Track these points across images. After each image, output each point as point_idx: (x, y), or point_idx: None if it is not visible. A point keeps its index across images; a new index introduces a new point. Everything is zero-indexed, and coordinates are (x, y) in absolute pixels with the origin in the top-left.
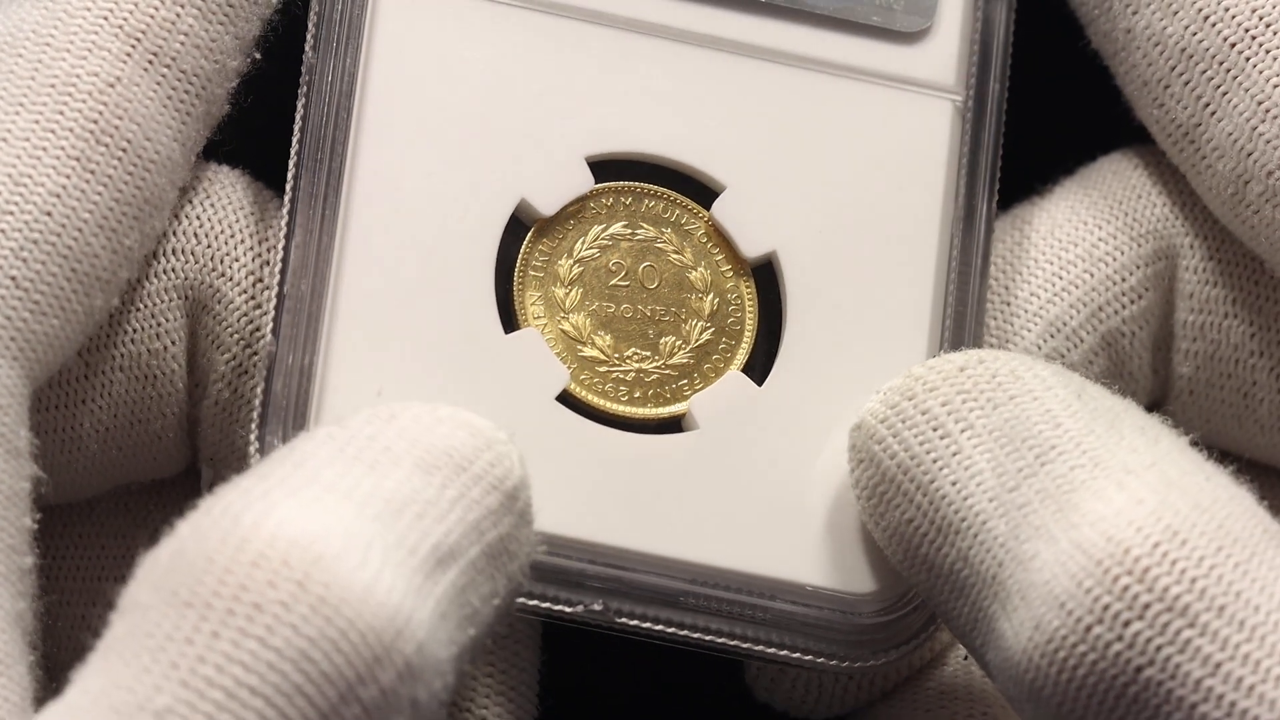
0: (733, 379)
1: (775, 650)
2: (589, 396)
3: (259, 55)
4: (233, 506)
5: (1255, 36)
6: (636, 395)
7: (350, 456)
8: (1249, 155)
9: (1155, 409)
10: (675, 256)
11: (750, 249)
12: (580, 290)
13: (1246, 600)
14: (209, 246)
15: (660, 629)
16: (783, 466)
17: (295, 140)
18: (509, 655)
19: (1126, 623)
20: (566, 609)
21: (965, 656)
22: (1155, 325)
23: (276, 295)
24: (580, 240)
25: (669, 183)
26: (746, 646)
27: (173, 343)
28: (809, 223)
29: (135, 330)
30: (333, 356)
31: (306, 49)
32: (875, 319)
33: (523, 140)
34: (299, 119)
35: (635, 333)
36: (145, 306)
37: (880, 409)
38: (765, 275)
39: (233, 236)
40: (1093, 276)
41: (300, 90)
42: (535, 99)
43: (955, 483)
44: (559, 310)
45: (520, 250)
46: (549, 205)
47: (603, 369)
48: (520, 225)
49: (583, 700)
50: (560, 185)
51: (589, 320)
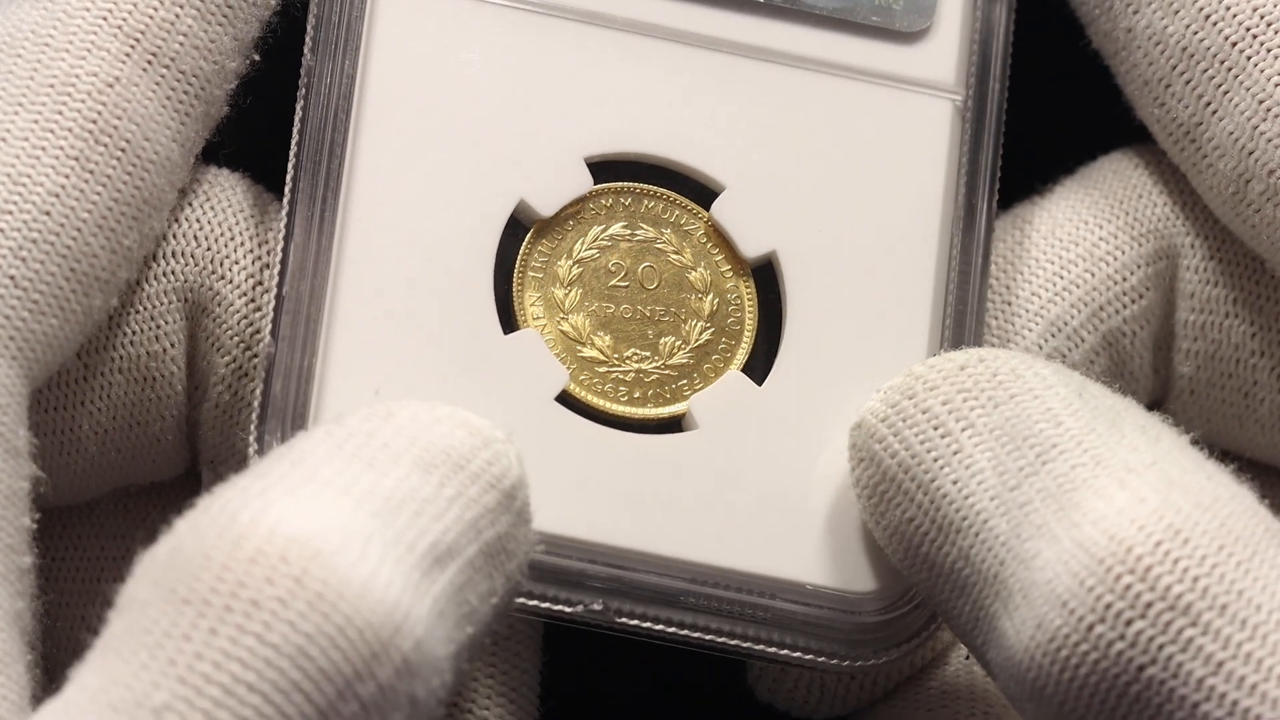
0: (732, 379)
1: (776, 650)
2: (588, 397)
3: (258, 57)
4: (230, 504)
5: (1257, 35)
6: (636, 395)
7: (348, 454)
8: (1250, 154)
9: (1156, 408)
10: (675, 257)
11: (750, 249)
12: (580, 291)
13: (1249, 599)
14: (208, 249)
15: (660, 629)
16: (783, 466)
17: (294, 142)
18: (510, 656)
19: (1129, 621)
20: (566, 609)
21: (967, 656)
22: (1156, 325)
23: (275, 297)
24: (580, 241)
25: (668, 183)
26: (747, 646)
27: (172, 345)
28: (809, 223)
29: (134, 332)
30: (332, 358)
31: (305, 51)
32: (875, 319)
33: (521, 141)
34: (298, 121)
35: (635, 333)
36: (144, 309)
37: (881, 408)
38: (765, 275)
39: (232, 239)
40: (1094, 276)
41: (299, 93)
42: (534, 100)
43: (956, 481)
44: (558, 311)
45: (519, 251)
46: (548, 206)
47: (602, 369)
48: (519, 226)
49: (584, 701)
50: (559, 186)
51: (588, 321)
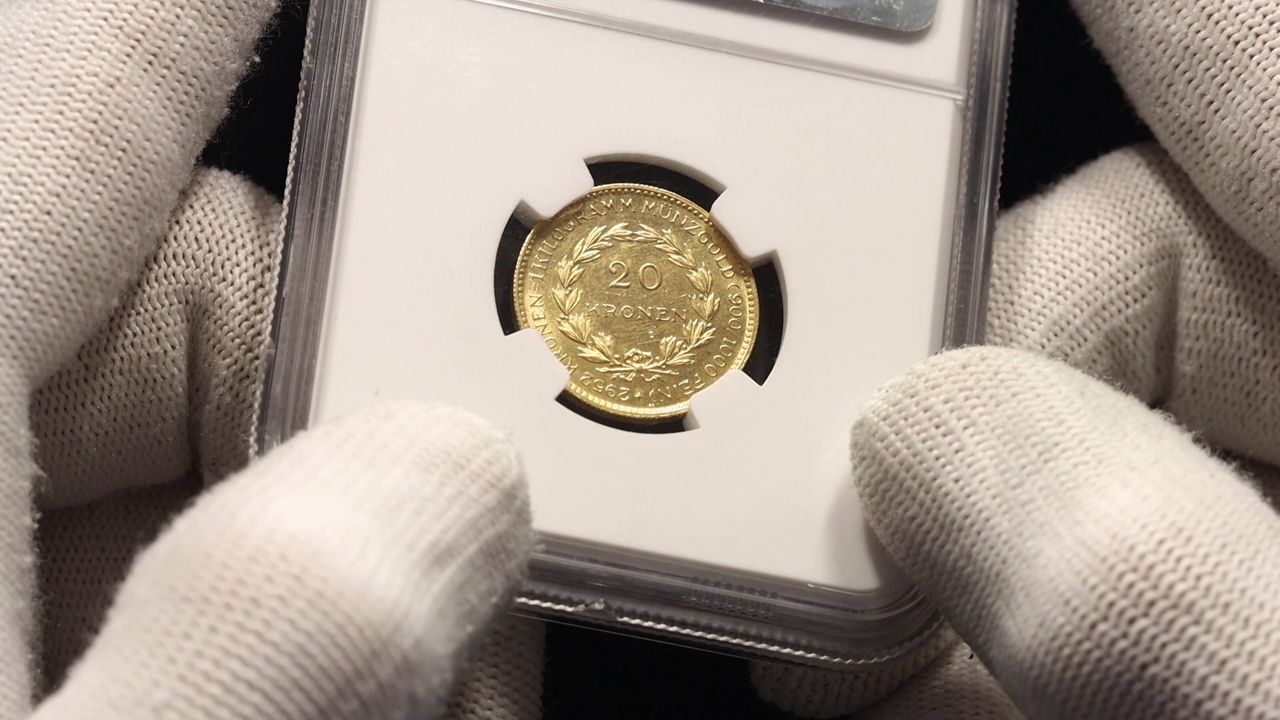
0: (734, 378)
1: (778, 648)
2: (589, 397)
3: (258, 59)
4: (230, 502)
5: (1259, 34)
6: (637, 395)
7: (348, 453)
8: (1253, 152)
9: (1158, 407)
10: (675, 257)
11: (751, 249)
12: (580, 291)
13: (1252, 597)
14: (210, 251)
15: (662, 628)
16: (784, 464)
17: (294, 144)
18: (513, 657)
19: (1132, 620)
20: (568, 608)
21: (971, 655)
22: (1158, 324)
23: (275, 298)
24: (580, 242)
25: (669, 183)
26: (749, 645)
27: (173, 347)
28: (809, 222)
29: (135, 334)
30: (332, 359)
31: (305, 54)
32: (876, 318)
33: (521, 142)
34: (298, 123)
35: (636, 333)
36: (145, 310)
37: (883, 406)
38: (766, 275)
39: (234, 241)
40: (1096, 275)
41: (299, 95)
42: (533, 101)
43: (958, 479)
44: (559, 311)
45: (520, 252)
46: (548, 207)
47: (603, 369)
48: (519, 227)
49: (587, 702)
50: (559, 187)
51: (589, 321)
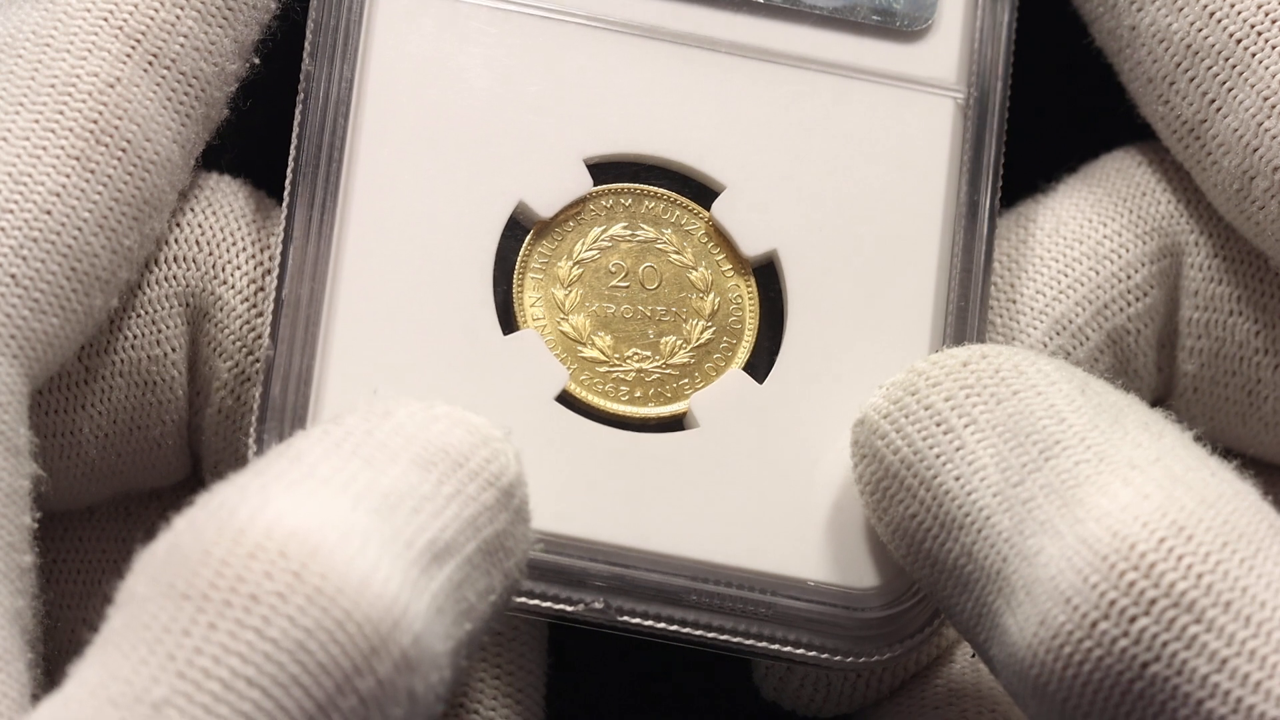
0: (734, 377)
1: (779, 647)
2: (589, 396)
3: (257, 61)
4: (229, 500)
5: (1262, 33)
6: (637, 395)
7: (347, 452)
8: (1255, 151)
9: (1159, 405)
10: (675, 257)
11: (751, 248)
12: (580, 291)
13: (1253, 596)
14: (210, 253)
15: (662, 627)
16: (785, 463)
17: (294, 146)
18: (515, 658)
19: (1133, 619)
20: (569, 608)
21: (973, 654)
22: (1160, 322)
23: (275, 300)
24: (580, 242)
25: (668, 183)
26: (750, 643)
27: (173, 349)
28: (810, 221)
29: (135, 336)
30: (331, 360)
31: (304, 56)
32: (877, 317)
33: (521, 143)
34: (297, 125)
35: (635, 333)
36: (145, 313)
37: (883, 404)
38: (767, 274)
39: (234, 244)
40: (1098, 274)
41: (298, 97)
42: (533, 101)
43: (959, 477)
44: (559, 311)
45: (520, 252)
46: (548, 207)
47: (603, 369)
48: (519, 227)
49: (589, 702)
50: (559, 187)
51: (589, 321)
